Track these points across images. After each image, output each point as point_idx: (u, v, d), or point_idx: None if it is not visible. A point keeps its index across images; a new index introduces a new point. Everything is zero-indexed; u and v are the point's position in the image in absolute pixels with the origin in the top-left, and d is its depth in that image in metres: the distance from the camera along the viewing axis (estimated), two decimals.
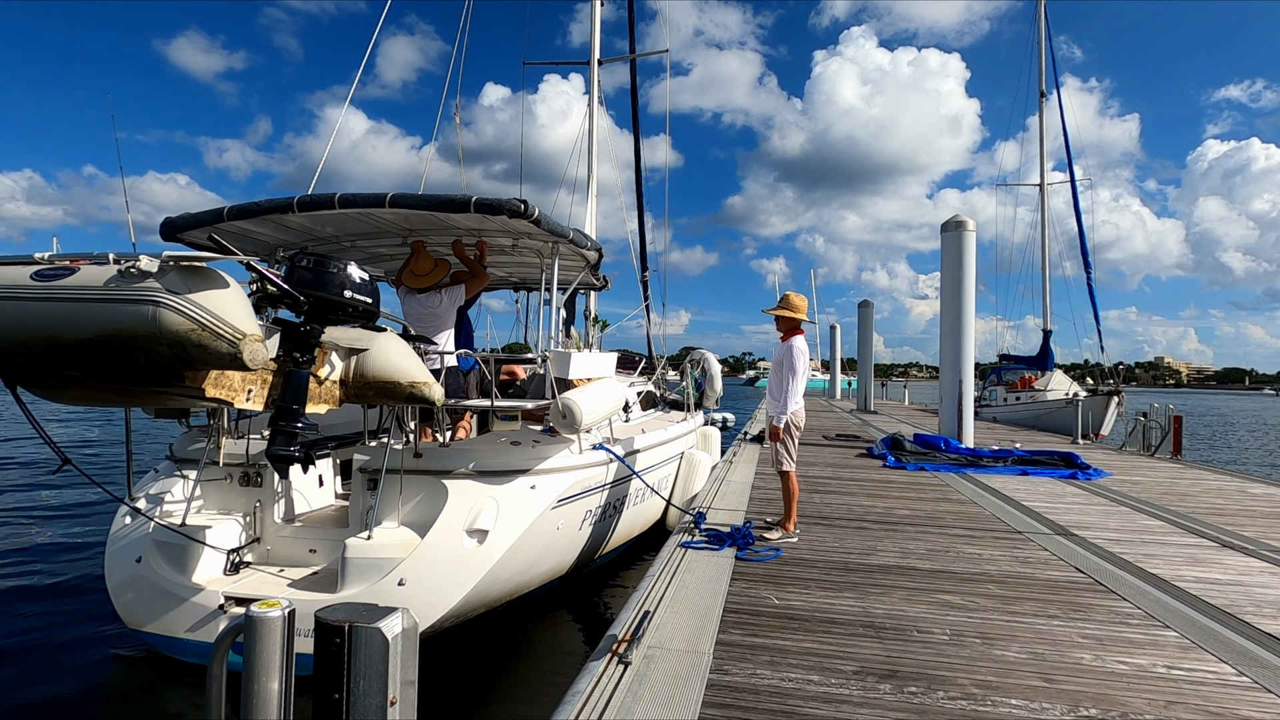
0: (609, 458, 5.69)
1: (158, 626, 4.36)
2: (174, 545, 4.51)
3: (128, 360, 2.67)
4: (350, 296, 3.55)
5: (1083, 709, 2.60)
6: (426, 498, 4.66)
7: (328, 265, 3.53)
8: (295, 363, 3.42)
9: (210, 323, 2.60)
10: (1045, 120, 22.16)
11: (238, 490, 5.09)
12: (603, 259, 7.25)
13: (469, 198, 4.87)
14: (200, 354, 2.63)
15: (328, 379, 3.68)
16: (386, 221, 5.76)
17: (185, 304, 2.58)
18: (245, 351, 2.68)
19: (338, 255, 3.74)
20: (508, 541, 4.53)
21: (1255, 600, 3.91)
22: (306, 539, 4.97)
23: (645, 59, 13.00)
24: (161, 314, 2.55)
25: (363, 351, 3.80)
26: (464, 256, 6.14)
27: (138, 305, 2.55)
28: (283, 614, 2.03)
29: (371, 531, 4.42)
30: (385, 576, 4.19)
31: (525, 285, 9.53)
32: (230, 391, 3.16)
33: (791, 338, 5.17)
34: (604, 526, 5.93)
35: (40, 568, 6.51)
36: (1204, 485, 8.25)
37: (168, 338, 2.57)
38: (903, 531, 5.41)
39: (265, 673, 2.00)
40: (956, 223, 10.82)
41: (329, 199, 4.91)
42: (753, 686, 2.73)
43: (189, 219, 5.22)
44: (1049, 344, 21.73)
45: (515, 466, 4.89)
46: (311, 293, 3.41)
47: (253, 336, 2.72)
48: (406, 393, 3.83)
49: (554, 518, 4.97)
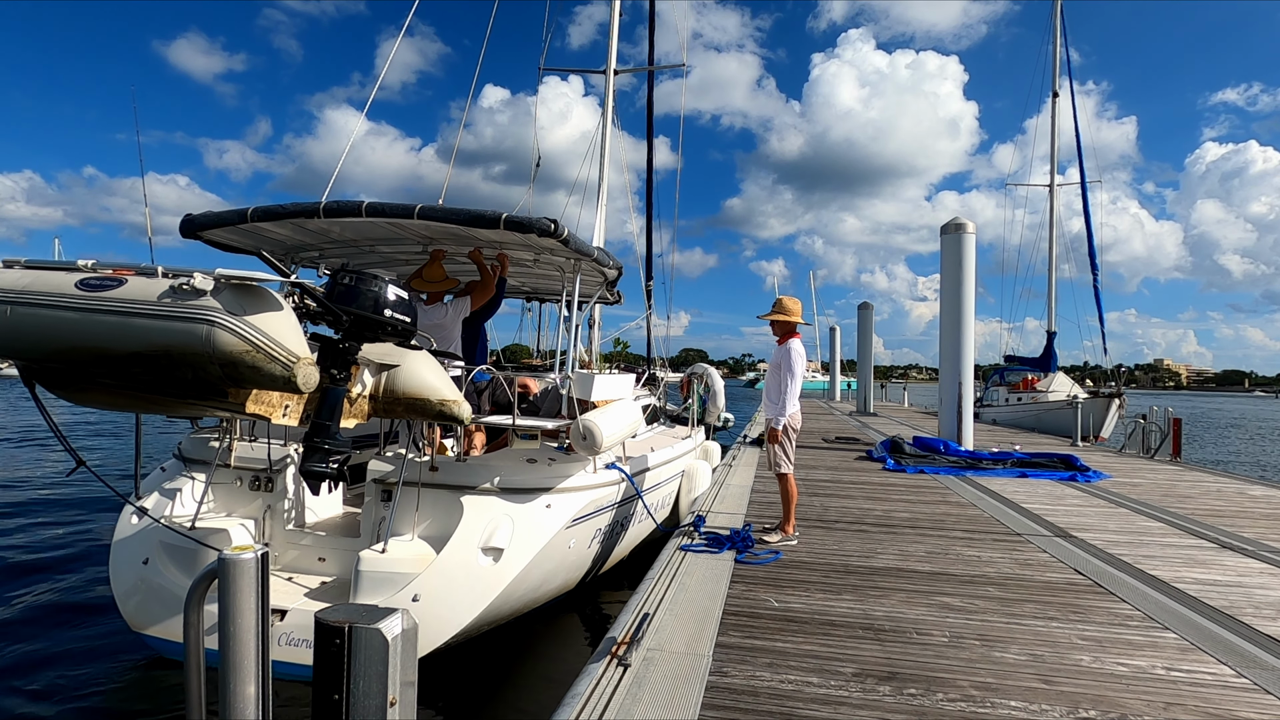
0: (621, 476, 5.64)
1: (162, 630, 4.32)
2: (181, 548, 4.46)
3: (174, 375, 2.66)
4: (390, 315, 3.52)
5: (1082, 710, 2.60)
6: (441, 512, 4.59)
7: (368, 283, 3.49)
8: (332, 379, 3.39)
9: (266, 345, 2.60)
10: (1054, 120, 22.16)
11: (247, 494, 5.04)
12: (621, 276, 7.19)
13: (500, 215, 4.78)
14: (253, 375, 2.63)
15: (359, 395, 3.66)
16: (412, 230, 5.68)
17: (241, 325, 2.57)
18: (299, 375, 2.68)
19: (372, 270, 3.69)
20: (523, 560, 4.46)
21: (1255, 602, 3.91)
22: (315, 547, 4.92)
23: (650, 74, 12.95)
24: (216, 334, 2.54)
25: (394, 368, 3.77)
26: (481, 264, 6.12)
27: (192, 324, 2.55)
28: (255, 556, 2.07)
29: (386, 544, 4.36)
30: (400, 591, 4.13)
31: (538, 295, 9.50)
32: (269, 407, 3.14)
33: (788, 341, 5.19)
34: (610, 543, 5.89)
35: (46, 565, 6.50)
36: (1203, 487, 8.25)
37: (221, 358, 2.56)
38: (902, 534, 5.42)
39: (240, 612, 2.04)
40: (956, 225, 10.83)
41: (356, 207, 4.81)
42: (752, 689, 2.73)
43: (211, 218, 5.11)
44: (1052, 346, 21.75)
45: (532, 485, 4.83)
46: (352, 310, 3.38)
47: (306, 360, 2.72)
48: (436, 410, 3.79)
49: (567, 537, 4.92)
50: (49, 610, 5.50)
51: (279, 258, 6.05)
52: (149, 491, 4.90)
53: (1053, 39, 21.83)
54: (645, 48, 13.07)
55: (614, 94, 11.76)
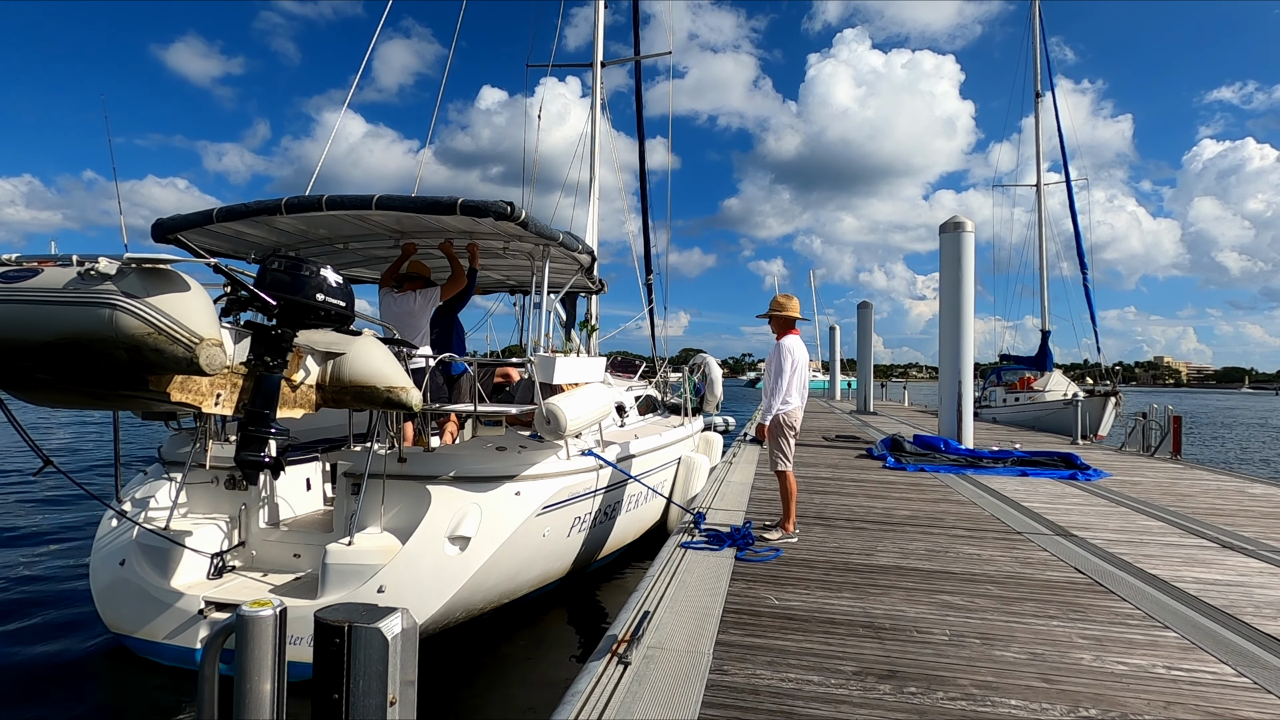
0: (599, 463, 5.64)
1: (138, 630, 4.33)
2: (157, 549, 4.47)
3: (90, 364, 2.62)
4: (323, 300, 3.47)
5: (1082, 709, 2.60)
6: (410, 503, 4.60)
7: (301, 268, 3.46)
8: (266, 367, 3.34)
9: (166, 326, 2.55)
10: (1040, 120, 22.22)
11: (224, 493, 5.04)
12: (596, 262, 7.21)
13: (455, 200, 4.84)
14: (157, 358, 2.59)
15: (303, 383, 3.60)
16: (378, 223, 5.74)
17: (141, 307, 2.53)
18: (202, 356, 2.63)
19: (318, 257, 3.68)
20: (490, 549, 4.48)
21: (1255, 601, 3.91)
22: (291, 543, 4.93)
23: (644, 61, 12.97)
24: (117, 317, 2.50)
25: (339, 355, 3.72)
26: (451, 255, 6.14)
27: (94, 308, 2.51)
28: (274, 613, 2.02)
29: (353, 537, 4.37)
30: (365, 583, 4.14)
31: (522, 289, 9.52)
32: (197, 396, 3.09)
33: (784, 337, 5.19)
34: (598, 532, 5.89)
35: (28, 567, 6.47)
36: (1203, 485, 8.25)
37: (124, 341, 2.52)
38: (902, 532, 5.42)
39: (257, 673, 2.00)
40: (955, 224, 10.83)
41: (316, 201, 4.89)
42: (752, 687, 2.73)
43: (179, 220, 5.25)
44: (1047, 344, 21.79)
45: (499, 472, 4.83)
46: (283, 296, 3.34)
47: (209, 340, 2.66)
48: (384, 397, 3.75)
49: (540, 524, 4.92)
50: (31, 608, 5.45)
51: (256, 260, 6.08)
52: (129, 494, 4.90)
53: (1033, 40, 21.93)
54: (645, 48, 13.08)
55: (604, 90, 11.77)
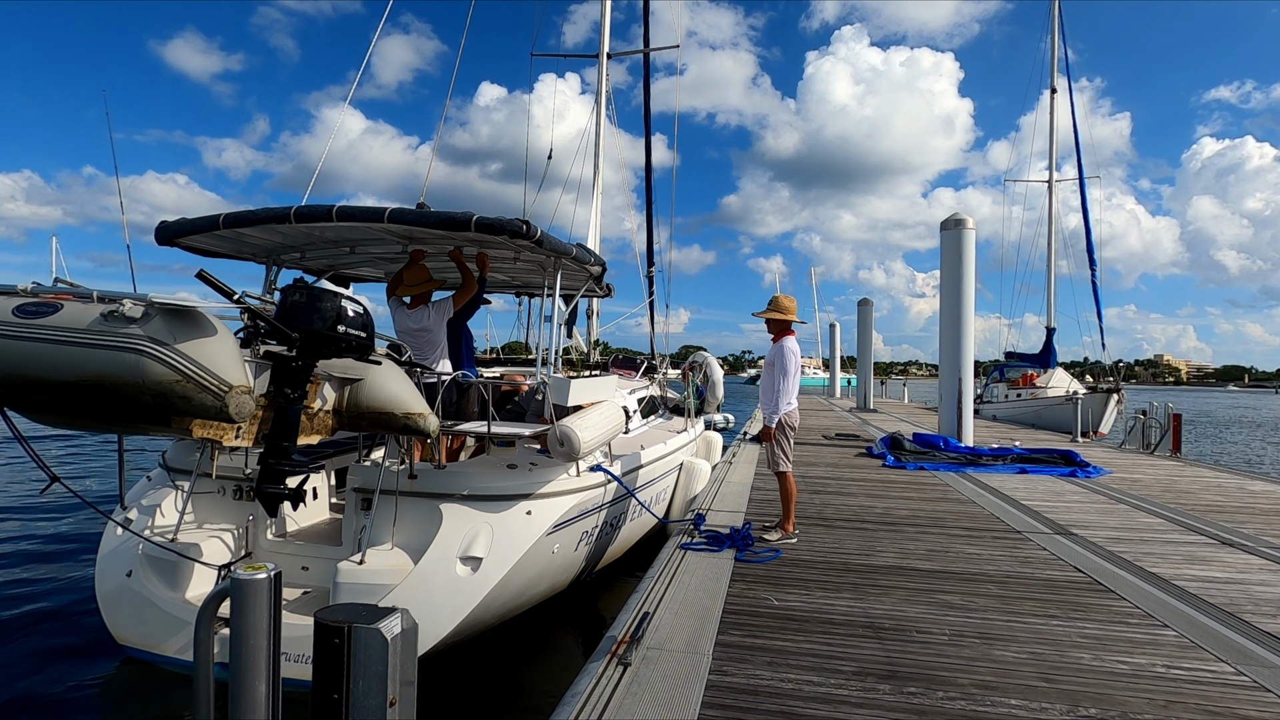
0: (606, 478, 5.58)
1: (145, 642, 4.31)
2: (164, 560, 4.44)
3: (112, 405, 2.59)
4: (343, 331, 3.41)
5: (1082, 709, 2.60)
6: (420, 521, 4.55)
7: (321, 299, 3.40)
8: (286, 399, 3.30)
9: (195, 374, 2.52)
10: (1051, 116, 22.15)
11: (230, 504, 5.00)
12: (605, 271, 7.17)
13: (470, 217, 4.72)
14: (184, 405, 2.56)
15: (320, 410, 3.58)
16: (386, 230, 5.70)
17: (170, 354, 2.50)
18: (231, 405, 2.61)
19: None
20: (503, 569, 4.43)
21: (1255, 599, 3.91)
22: (299, 555, 4.90)
23: (646, 56, 12.95)
24: (145, 364, 2.47)
25: (357, 381, 3.69)
26: (461, 263, 6.10)
27: (120, 353, 2.47)
28: (268, 576, 2.04)
29: (364, 555, 4.33)
30: (378, 602, 4.11)
31: (527, 290, 9.47)
32: (218, 431, 3.06)
33: (782, 339, 5.19)
34: (601, 544, 5.85)
35: (31, 575, 6.44)
36: (1203, 483, 8.25)
37: (151, 388, 2.49)
38: (902, 532, 5.42)
39: (253, 633, 2.01)
40: (956, 221, 10.82)
41: (327, 211, 4.76)
42: (752, 687, 2.73)
43: (184, 225, 5.12)
44: (1052, 341, 21.77)
45: (511, 491, 4.77)
46: (303, 328, 3.29)
47: (239, 388, 2.63)
48: (401, 424, 3.73)
49: (550, 542, 4.87)
50: (36, 618, 5.42)
51: (261, 260, 6.02)
52: (133, 502, 4.86)
53: (1050, 35, 21.83)
54: (640, 43, 13.07)
55: (609, 84, 11.74)
